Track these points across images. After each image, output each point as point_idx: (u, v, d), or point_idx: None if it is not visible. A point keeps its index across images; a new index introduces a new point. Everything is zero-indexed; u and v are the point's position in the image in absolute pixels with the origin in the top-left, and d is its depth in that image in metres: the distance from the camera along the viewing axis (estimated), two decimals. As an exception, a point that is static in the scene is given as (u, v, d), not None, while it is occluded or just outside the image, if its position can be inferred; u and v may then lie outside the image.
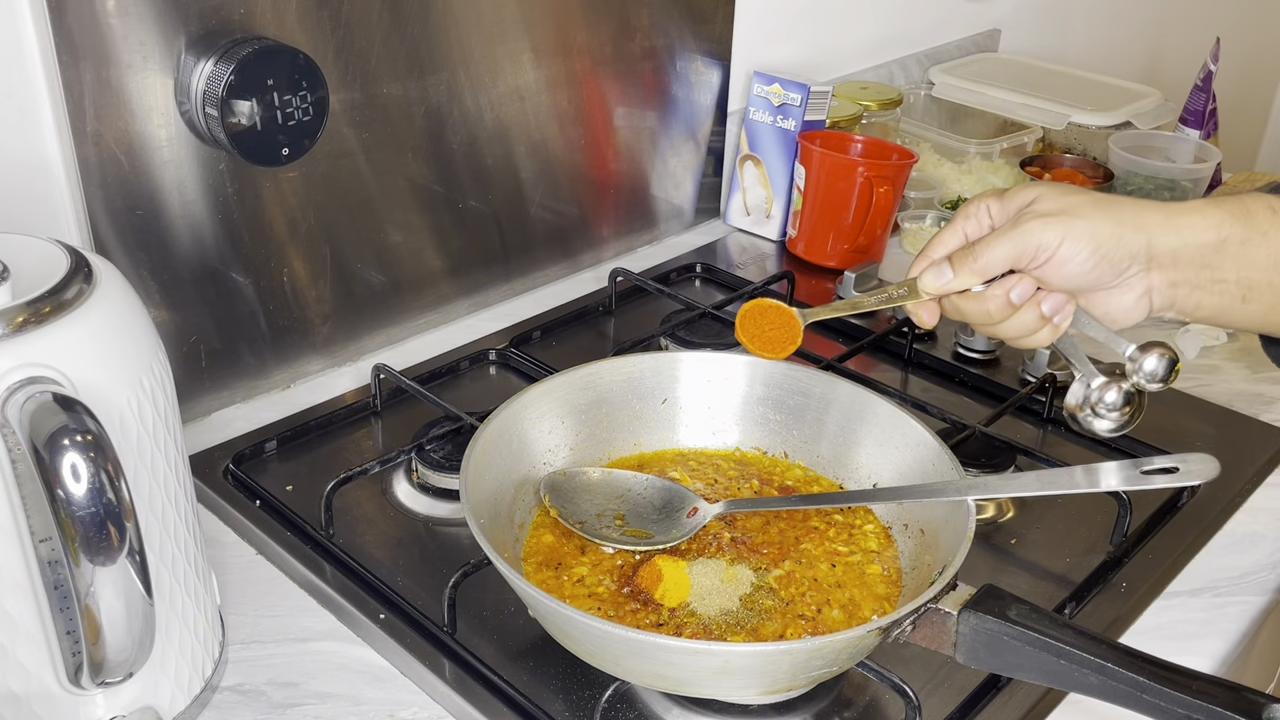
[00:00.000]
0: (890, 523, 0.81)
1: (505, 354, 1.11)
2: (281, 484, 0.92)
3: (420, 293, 1.14)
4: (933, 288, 0.77)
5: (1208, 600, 0.85)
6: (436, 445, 0.94)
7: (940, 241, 0.78)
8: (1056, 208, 0.74)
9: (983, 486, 0.75)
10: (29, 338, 0.57)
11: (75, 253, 0.62)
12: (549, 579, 0.76)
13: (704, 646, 0.64)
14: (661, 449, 0.89)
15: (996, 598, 0.66)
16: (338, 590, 0.81)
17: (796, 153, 1.33)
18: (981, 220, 0.78)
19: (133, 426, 0.61)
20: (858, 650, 0.67)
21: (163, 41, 0.87)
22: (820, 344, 1.17)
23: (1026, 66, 1.73)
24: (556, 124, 1.19)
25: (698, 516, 0.80)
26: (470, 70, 1.09)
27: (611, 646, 0.66)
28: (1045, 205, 0.74)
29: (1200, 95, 1.58)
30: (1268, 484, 0.97)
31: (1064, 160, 1.55)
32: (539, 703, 0.72)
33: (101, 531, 0.54)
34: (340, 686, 0.75)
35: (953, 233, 0.78)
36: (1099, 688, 0.61)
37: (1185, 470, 0.70)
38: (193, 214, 0.94)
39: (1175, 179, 1.47)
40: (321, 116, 0.95)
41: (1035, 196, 0.76)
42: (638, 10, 1.22)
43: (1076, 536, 0.90)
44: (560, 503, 0.81)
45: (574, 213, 1.26)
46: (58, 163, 0.87)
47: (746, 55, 1.40)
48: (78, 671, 0.60)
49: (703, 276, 1.31)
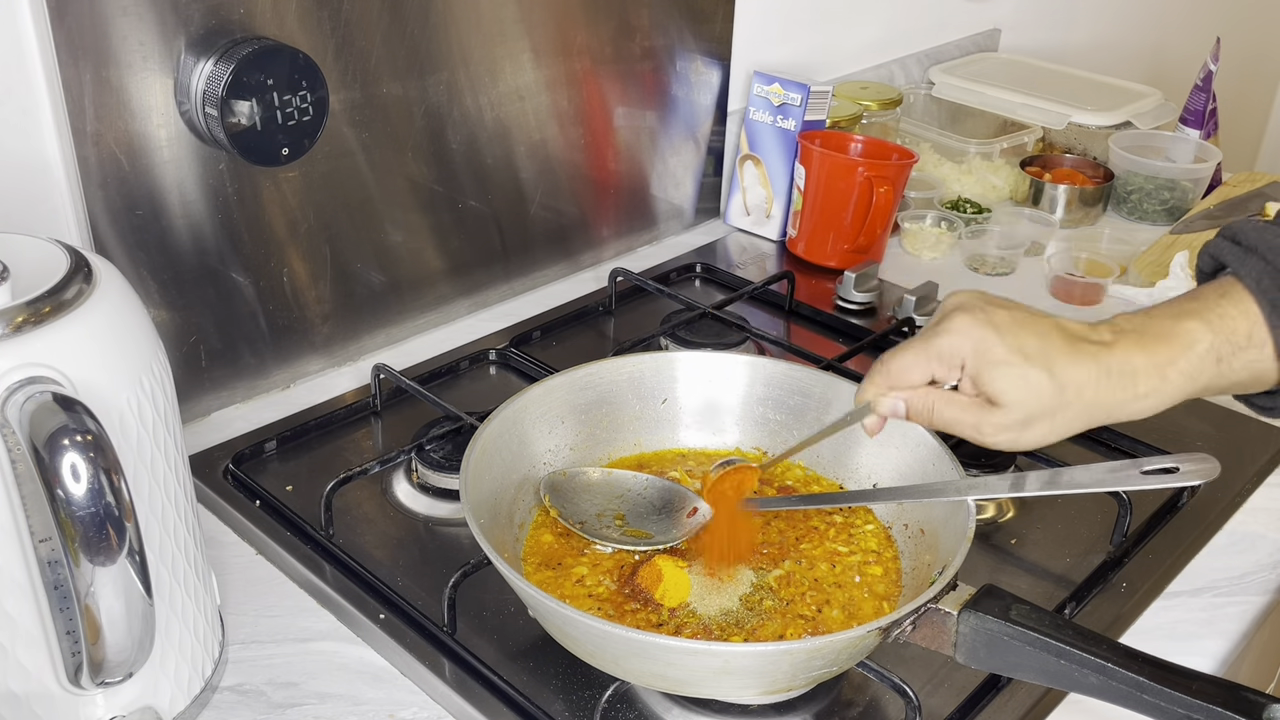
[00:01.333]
0: (890, 523, 0.81)
1: (505, 354, 1.11)
2: (281, 484, 0.92)
3: (420, 293, 1.14)
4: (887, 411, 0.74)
5: (1208, 600, 0.85)
6: (436, 445, 0.94)
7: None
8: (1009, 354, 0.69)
9: (983, 486, 0.74)
10: (29, 338, 0.57)
11: (75, 253, 0.62)
12: (549, 579, 0.76)
13: (704, 647, 0.64)
14: (662, 449, 0.89)
15: (997, 598, 0.66)
16: (338, 590, 0.81)
17: (796, 153, 1.33)
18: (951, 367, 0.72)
19: (133, 426, 0.61)
20: (858, 650, 0.67)
21: (163, 41, 0.87)
22: (820, 344, 1.17)
23: (1026, 66, 1.73)
24: (556, 124, 1.19)
25: (698, 516, 0.80)
26: (470, 70, 1.09)
27: (611, 646, 0.66)
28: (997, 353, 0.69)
29: (1200, 95, 1.58)
30: (1268, 484, 0.97)
31: (1064, 160, 1.55)
32: (539, 703, 0.72)
33: (101, 531, 0.54)
34: (340, 686, 0.75)
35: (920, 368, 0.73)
36: (1099, 688, 0.62)
37: (1185, 470, 0.69)
38: (192, 214, 0.94)
39: (1175, 179, 1.48)
40: (321, 116, 0.95)
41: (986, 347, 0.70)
42: (638, 10, 1.22)
43: (1076, 536, 0.90)
44: (560, 503, 0.81)
45: (574, 213, 1.26)
46: (58, 163, 0.87)
47: (746, 55, 1.40)
48: (78, 671, 0.60)
49: (703, 276, 1.31)
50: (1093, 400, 0.68)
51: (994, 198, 1.52)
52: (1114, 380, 0.68)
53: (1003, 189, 1.53)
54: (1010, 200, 1.53)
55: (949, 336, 0.70)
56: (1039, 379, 0.68)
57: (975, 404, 0.70)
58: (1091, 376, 0.68)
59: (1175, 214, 1.48)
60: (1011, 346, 0.68)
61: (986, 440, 0.70)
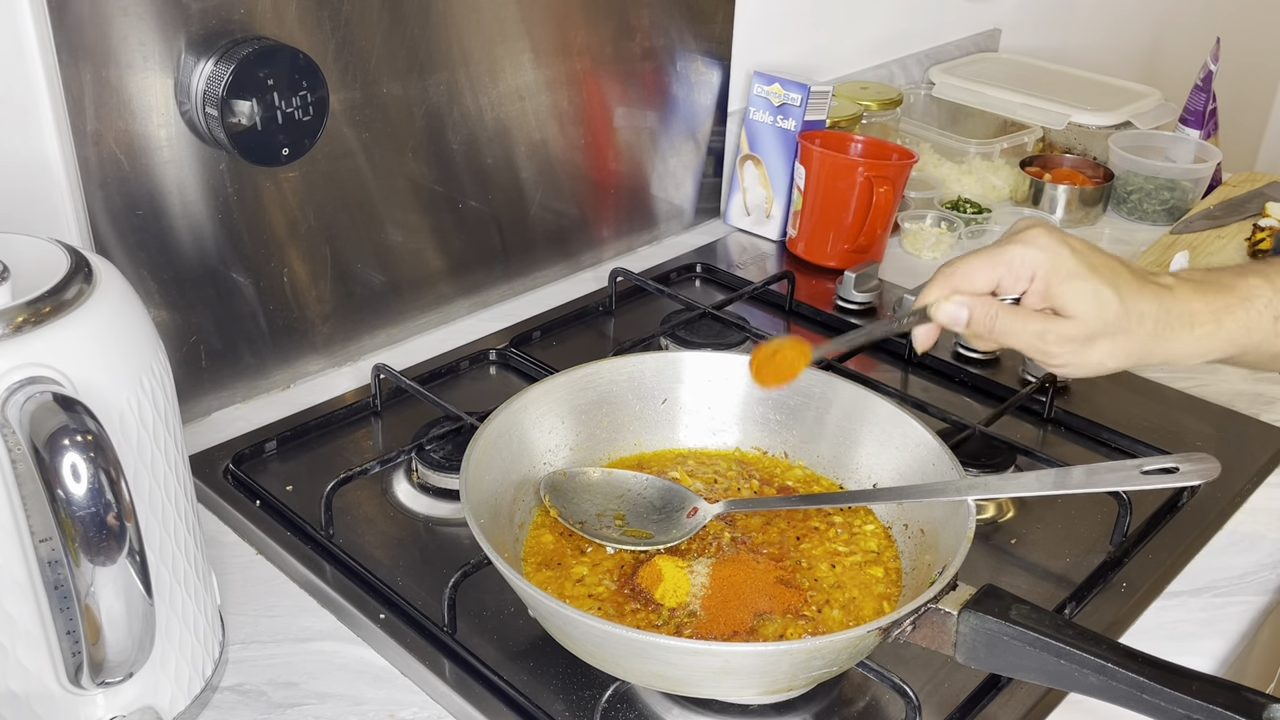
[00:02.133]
0: (890, 523, 0.81)
1: (505, 354, 1.11)
2: (281, 484, 0.92)
3: (420, 293, 1.14)
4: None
5: (1208, 600, 0.85)
6: (436, 445, 0.94)
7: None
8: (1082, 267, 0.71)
9: (983, 486, 0.74)
10: (29, 338, 0.57)
11: (75, 253, 0.62)
12: (549, 579, 0.76)
13: (704, 646, 0.64)
14: (662, 449, 0.89)
15: (997, 598, 0.66)
16: (338, 590, 0.81)
17: (796, 153, 1.33)
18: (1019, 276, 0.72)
19: (133, 426, 0.61)
20: (857, 650, 0.67)
21: (163, 41, 0.87)
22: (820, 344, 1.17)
23: (1026, 66, 1.73)
24: (556, 124, 1.19)
25: (698, 516, 0.80)
26: (470, 70, 1.09)
27: (611, 646, 0.66)
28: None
29: (1200, 95, 1.58)
30: (1268, 484, 0.97)
31: (1064, 160, 1.55)
32: (539, 703, 0.72)
33: (101, 531, 0.54)
34: (340, 686, 0.75)
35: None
36: (1099, 688, 0.62)
37: (1185, 470, 0.70)
38: (193, 214, 0.94)
39: (1175, 179, 1.48)
40: (321, 116, 0.95)
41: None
42: (638, 10, 1.22)
43: (1076, 536, 0.90)
44: (560, 503, 0.81)
45: (574, 213, 1.26)
46: (58, 163, 0.87)
47: (746, 55, 1.40)
48: (78, 671, 0.60)
49: (703, 276, 1.31)
50: (1152, 332, 0.71)
51: (994, 198, 1.52)
52: (1172, 319, 0.71)
53: (1003, 189, 1.53)
54: (1010, 200, 1.53)
55: (1023, 247, 0.70)
56: (1109, 297, 0.70)
57: (1040, 314, 0.71)
58: (1152, 310, 0.71)
59: (1175, 214, 1.48)
60: (1085, 263, 0.70)
61: (1049, 350, 0.71)
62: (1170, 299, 0.71)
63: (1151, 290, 0.71)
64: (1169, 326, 0.71)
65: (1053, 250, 0.70)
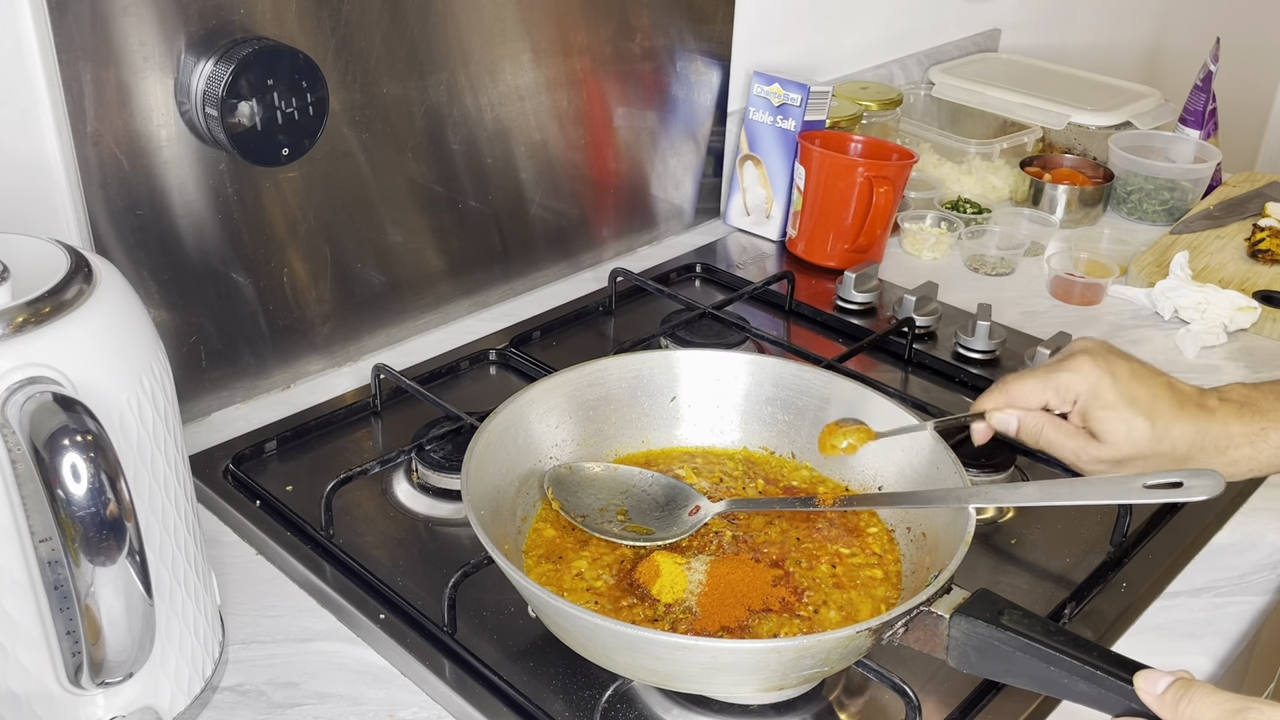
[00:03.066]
0: (894, 525, 0.81)
1: (505, 354, 1.11)
2: (281, 484, 0.92)
3: (420, 293, 1.14)
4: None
5: (1208, 600, 0.85)
6: (436, 445, 0.93)
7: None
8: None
9: (985, 495, 0.75)
10: (29, 338, 0.57)
11: (75, 253, 0.62)
12: (549, 572, 0.76)
13: (691, 642, 0.64)
14: (668, 446, 0.89)
15: (989, 602, 0.66)
16: (338, 590, 0.81)
17: (796, 153, 1.33)
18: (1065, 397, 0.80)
19: (133, 426, 0.61)
20: (849, 651, 0.66)
21: (163, 41, 0.87)
22: (820, 344, 1.17)
23: (1026, 66, 1.73)
24: (556, 124, 1.19)
25: (699, 514, 0.80)
26: (470, 70, 1.09)
27: (601, 640, 0.66)
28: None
29: (1200, 95, 1.58)
30: (1268, 484, 0.97)
31: (1064, 160, 1.55)
32: (539, 703, 0.72)
33: (101, 531, 0.54)
34: (340, 686, 0.75)
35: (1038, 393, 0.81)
36: (1089, 695, 0.61)
37: (1189, 485, 0.69)
38: (193, 214, 0.94)
39: (1175, 179, 1.48)
40: (321, 116, 0.95)
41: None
42: (638, 10, 1.22)
43: (1076, 537, 0.90)
44: (563, 496, 0.81)
45: (574, 213, 1.26)
46: (58, 163, 0.87)
47: (746, 55, 1.40)
48: (78, 671, 0.60)
49: (703, 277, 1.31)
50: (1185, 455, 0.78)
51: (994, 198, 1.52)
52: (1207, 443, 0.78)
53: (1002, 189, 1.53)
54: (1010, 200, 1.53)
55: (1070, 374, 0.79)
56: (1141, 426, 0.77)
57: (1080, 434, 0.80)
58: (1188, 435, 0.77)
59: (1175, 214, 1.48)
60: (1123, 394, 0.78)
61: (1083, 466, 0.80)
62: (1209, 423, 0.77)
63: (1190, 415, 0.78)
64: (1203, 450, 0.78)
65: (1094, 380, 0.78)
